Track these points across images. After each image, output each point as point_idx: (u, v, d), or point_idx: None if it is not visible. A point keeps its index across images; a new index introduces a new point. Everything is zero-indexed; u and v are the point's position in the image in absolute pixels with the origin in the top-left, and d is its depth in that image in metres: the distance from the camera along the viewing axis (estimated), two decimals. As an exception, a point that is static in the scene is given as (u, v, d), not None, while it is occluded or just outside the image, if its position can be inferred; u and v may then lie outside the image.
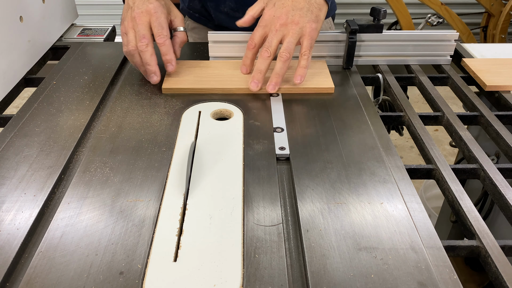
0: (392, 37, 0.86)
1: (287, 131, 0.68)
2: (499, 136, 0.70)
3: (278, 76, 0.75)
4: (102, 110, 0.75)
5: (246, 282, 0.44)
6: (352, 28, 0.82)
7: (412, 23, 2.63)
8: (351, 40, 0.83)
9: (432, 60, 0.90)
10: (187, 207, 0.53)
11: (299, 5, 0.75)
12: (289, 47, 0.73)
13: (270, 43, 0.74)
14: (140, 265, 0.45)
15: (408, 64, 0.90)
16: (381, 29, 0.84)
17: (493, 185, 0.60)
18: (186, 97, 0.77)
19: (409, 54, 0.89)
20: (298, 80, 0.76)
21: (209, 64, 0.85)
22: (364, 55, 0.88)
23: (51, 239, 0.48)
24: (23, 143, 0.64)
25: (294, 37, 0.74)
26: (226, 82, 0.79)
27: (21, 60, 0.85)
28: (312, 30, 0.75)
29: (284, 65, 0.74)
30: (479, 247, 0.51)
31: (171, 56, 0.78)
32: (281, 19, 0.74)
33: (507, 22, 2.57)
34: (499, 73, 0.85)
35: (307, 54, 0.75)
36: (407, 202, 0.54)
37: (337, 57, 0.89)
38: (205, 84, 0.78)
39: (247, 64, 0.80)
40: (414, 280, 0.44)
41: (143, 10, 0.76)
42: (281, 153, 0.63)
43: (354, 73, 0.86)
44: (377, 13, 0.82)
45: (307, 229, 0.50)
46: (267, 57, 0.74)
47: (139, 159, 0.61)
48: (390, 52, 0.88)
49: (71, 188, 0.56)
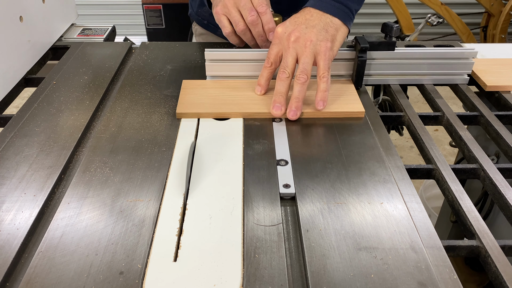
0: (405, 55, 0.79)
1: (292, 164, 0.61)
2: (499, 136, 0.70)
3: (298, 100, 0.69)
4: (102, 110, 0.75)
5: (246, 282, 0.44)
6: (362, 46, 0.75)
7: (412, 23, 2.63)
8: (360, 59, 0.76)
9: (448, 79, 0.83)
10: (187, 207, 0.53)
11: (312, 23, 0.71)
12: (305, 68, 0.69)
13: (286, 62, 0.70)
14: (140, 265, 0.45)
15: (422, 83, 0.83)
16: (393, 46, 0.78)
17: (493, 185, 0.60)
18: (186, 97, 0.77)
19: (423, 72, 0.82)
20: (320, 106, 0.70)
21: (226, 84, 0.78)
22: (374, 73, 0.81)
23: (51, 239, 0.48)
24: (23, 143, 0.64)
25: (309, 57, 0.69)
26: (246, 105, 0.72)
27: (21, 60, 0.85)
28: (327, 49, 0.69)
29: (302, 88, 0.69)
30: (479, 247, 0.51)
31: (273, 24, 0.76)
32: (293, 35, 0.70)
33: (507, 22, 2.57)
34: (500, 73, 0.85)
35: (326, 76, 0.69)
36: (407, 202, 0.54)
37: (342, 76, 0.81)
38: (223, 108, 0.71)
39: (262, 84, 0.75)
40: (414, 280, 0.44)
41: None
42: (286, 192, 0.56)
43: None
44: (389, 30, 0.76)
45: (307, 229, 0.50)
46: (285, 78, 0.70)
47: (139, 159, 0.61)
48: (403, 70, 0.81)
49: (71, 188, 0.56)
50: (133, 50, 0.97)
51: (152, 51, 0.93)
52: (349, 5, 0.74)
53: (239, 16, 0.76)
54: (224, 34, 0.80)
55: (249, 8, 0.75)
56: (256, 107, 0.71)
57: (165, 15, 2.46)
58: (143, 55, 0.91)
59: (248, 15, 0.75)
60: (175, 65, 0.87)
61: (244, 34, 0.78)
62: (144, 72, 0.85)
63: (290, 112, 0.69)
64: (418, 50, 0.79)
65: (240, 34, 0.78)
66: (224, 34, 0.80)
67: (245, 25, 0.77)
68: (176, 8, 2.45)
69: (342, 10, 0.74)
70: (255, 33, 0.77)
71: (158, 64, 0.88)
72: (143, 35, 2.70)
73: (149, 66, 0.87)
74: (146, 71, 0.85)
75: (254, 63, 0.79)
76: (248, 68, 0.79)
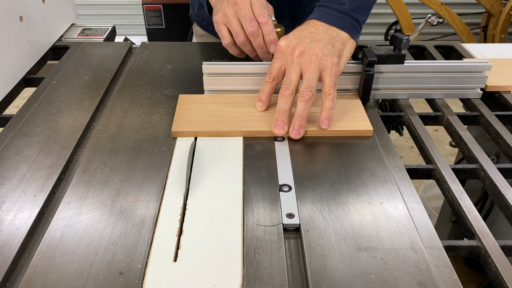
0: (415, 68, 0.74)
1: (296, 190, 0.56)
2: (499, 136, 0.70)
3: (302, 118, 0.65)
4: (102, 110, 0.75)
5: (246, 282, 0.44)
6: (370, 60, 0.70)
7: (412, 23, 2.63)
8: (368, 73, 0.72)
9: (459, 93, 0.78)
10: (187, 207, 0.53)
11: (318, 36, 0.67)
12: (310, 84, 0.64)
13: (290, 78, 0.66)
14: (140, 265, 0.45)
15: (432, 98, 0.79)
16: (402, 59, 0.73)
17: (493, 185, 0.60)
18: (186, 97, 0.77)
19: (434, 86, 0.77)
20: (325, 125, 0.66)
21: (225, 100, 0.74)
22: (382, 88, 0.76)
23: (51, 239, 0.48)
24: (23, 143, 0.64)
25: (314, 72, 0.65)
26: (246, 123, 0.68)
27: (21, 60, 0.85)
28: (334, 64, 0.65)
29: (306, 106, 0.64)
30: (479, 247, 0.51)
31: (274, 35, 0.72)
32: (297, 49, 0.66)
33: (507, 22, 2.57)
34: (500, 73, 0.85)
35: (332, 93, 0.65)
36: (407, 202, 0.54)
37: (348, 90, 0.77)
38: (222, 125, 0.67)
39: (263, 100, 0.70)
40: (414, 280, 0.44)
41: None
42: (290, 223, 0.51)
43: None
44: (399, 42, 0.71)
45: (307, 229, 0.50)
46: (288, 95, 0.65)
47: (139, 159, 0.61)
48: (412, 84, 0.76)
49: (71, 188, 0.56)
50: (133, 50, 0.97)
51: (152, 51, 0.93)
52: (356, 17, 0.70)
53: (239, 26, 0.73)
54: (223, 44, 0.77)
55: (250, 18, 0.71)
56: (257, 124, 0.67)
57: (165, 15, 2.46)
58: (143, 55, 0.91)
59: (248, 25, 0.71)
60: (175, 65, 0.87)
61: (245, 45, 0.74)
62: (144, 72, 0.85)
63: (293, 131, 0.65)
64: (429, 64, 0.75)
65: (240, 45, 0.75)
66: (223, 44, 0.77)
67: (246, 36, 0.73)
68: (176, 8, 2.45)
69: (349, 22, 0.69)
70: (256, 45, 0.73)
71: (158, 64, 0.88)
72: (143, 35, 2.70)
73: (149, 66, 0.87)
74: (146, 71, 0.85)
75: (254, 77, 0.74)
76: (249, 82, 0.75)
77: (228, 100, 0.73)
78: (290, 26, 1.00)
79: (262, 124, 0.67)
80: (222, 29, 0.75)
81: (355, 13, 0.70)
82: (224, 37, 0.75)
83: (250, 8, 0.72)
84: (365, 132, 0.67)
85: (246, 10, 0.71)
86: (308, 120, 0.67)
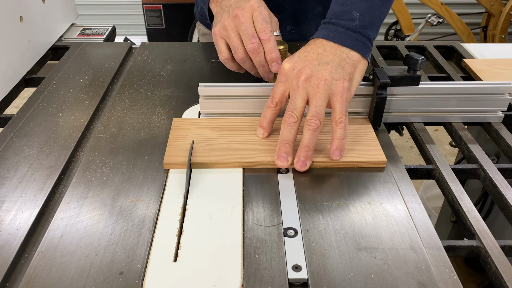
0: (431, 90, 0.68)
1: (303, 234, 0.50)
2: (499, 136, 0.70)
3: (308, 149, 0.58)
4: (102, 110, 0.75)
5: (246, 282, 0.44)
6: (382, 82, 0.64)
7: (412, 23, 2.63)
8: (380, 96, 0.65)
9: (479, 116, 0.72)
10: (187, 207, 0.53)
11: (326, 58, 0.60)
12: (318, 112, 0.58)
13: (295, 104, 0.59)
14: (140, 265, 0.45)
15: (449, 122, 0.72)
16: (418, 81, 0.66)
17: (493, 185, 0.60)
18: (187, 98, 0.77)
19: (451, 110, 0.70)
20: (336, 156, 0.59)
21: (223, 124, 0.67)
22: (394, 111, 0.70)
23: (51, 239, 0.48)
24: (23, 143, 0.64)
25: (322, 98, 0.59)
26: (246, 153, 0.61)
27: (21, 60, 0.85)
28: (344, 89, 0.59)
29: (313, 135, 0.58)
30: (479, 247, 0.51)
31: (276, 53, 0.66)
32: (303, 73, 0.59)
33: (507, 22, 2.57)
34: (500, 73, 0.85)
35: (343, 121, 0.59)
36: (407, 202, 0.54)
37: (359, 114, 0.70)
38: (219, 156, 0.60)
39: (265, 127, 0.63)
40: (414, 280, 0.44)
41: (245, 7, 0.66)
42: (296, 277, 0.45)
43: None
44: (414, 63, 0.64)
45: (307, 229, 0.50)
46: (293, 122, 0.59)
47: (139, 159, 0.61)
48: (428, 107, 0.70)
49: (71, 188, 0.56)
50: (133, 50, 0.97)
51: (152, 51, 0.93)
52: (367, 34, 0.63)
53: (239, 42, 0.67)
54: (220, 59, 0.70)
55: (251, 34, 0.65)
56: (258, 154, 0.61)
57: (165, 15, 2.47)
58: (143, 55, 0.91)
59: (248, 42, 0.65)
60: (175, 65, 0.87)
61: (244, 62, 0.69)
62: (144, 72, 0.85)
63: (298, 162, 0.58)
64: (446, 85, 0.68)
65: (240, 62, 0.69)
66: (220, 59, 0.70)
67: (245, 52, 0.67)
68: (176, 8, 2.45)
69: (360, 41, 0.62)
70: (256, 62, 0.67)
71: (158, 64, 0.88)
72: (143, 35, 2.70)
73: (149, 66, 0.87)
74: (146, 71, 0.85)
75: (255, 100, 0.68)
76: (249, 105, 0.69)
77: (226, 125, 0.67)
78: (292, 31, 0.99)
79: (263, 154, 0.61)
80: (220, 43, 0.69)
81: (366, 30, 0.63)
82: (221, 52, 0.69)
83: (251, 22, 0.66)
84: (378, 163, 0.60)
85: (247, 24, 0.66)
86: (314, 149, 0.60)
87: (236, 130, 0.66)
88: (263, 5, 0.67)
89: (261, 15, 0.66)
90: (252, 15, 0.66)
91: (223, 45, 0.69)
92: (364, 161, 0.60)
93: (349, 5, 0.64)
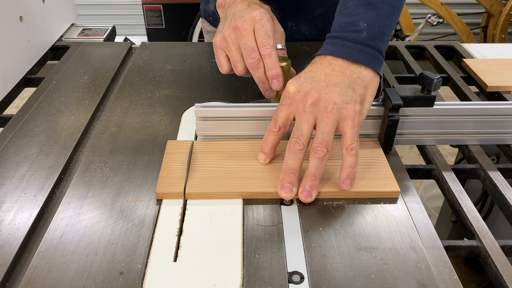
0: (446, 112, 0.63)
1: (310, 280, 0.44)
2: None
3: (314, 178, 0.53)
4: (102, 110, 0.75)
5: (246, 282, 0.44)
6: (394, 104, 0.58)
7: (412, 23, 2.63)
8: (391, 118, 0.60)
9: (497, 138, 0.67)
10: (187, 207, 0.53)
11: (335, 79, 0.55)
12: (325, 139, 0.53)
13: (301, 130, 0.54)
14: (140, 265, 0.45)
15: (465, 144, 0.68)
16: (432, 102, 0.61)
17: (493, 185, 0.60)
18: (186, 98, 0.77)
19: (467, 132, 0.66)
20: (347, 185, 0.54)
21: (221, 148, 0.62)
22: (407, 133, 0.65)
23: (51, 239, 0.48)
24: (23, 143, 0.64)
25: (330, 124, 0.54)
26: (246, 181, 0.56)
27: (21, 60, 0.85)
28: (356, 113, 0.54)
29: (320, 164, 0.53)
30: (479, 247, 0.51)
31: (277, 70, 0.61)
32: (310, 96, 0.54)
33: (507, 22, 2.57)
34: (500, 73, 0.85)
35: (354, 148, 0.54)
36: (407, 202, 0.54)
37: (368, 136, 0.65)
38: (217, 185, 0.55)
39: (267, 152, 0.59)
40: (414, 280, 0.44)
41: (247, 18, 0.62)
42: None
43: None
44: (429, 83, 0.59)
45: (307, 229, 0.50)
46: (298, 150, 0.54)
47: (139, 159, 0.61)
48: (443, 129, 0.65)
49: (71, 188, 0.56)
50: (133, 50, 0.97)
51: (152, 51, 0.93)
52: (377, 46, 0.58)
53: (239, 55, 0.63)
54: (221, 72, 0.67)
55: (251, 49, 0.60)
56: (259, 183, 0.56)
57: (165, 15, 2.47)
58: (143, 55, 0.91)
59: (248, 57, 0.61)
60: (175, 65, 0.87)
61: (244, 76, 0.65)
62: (144, 72, 0.85)
63: (303, 192, 0.53)
64: (463, 106, 0.63)
65: (240, 75, 0.65)
66: (221, 72, 0.67)
67: (245, 68, 0.63)
68: (176, 8, 2.45)
69: (370, 54, 0.57)
70: (256, 78, 0.63)
71: (158, 64, 0.88)
72: (143, 35, 2.70)
73: (149, 66, 0.87)
74: (146, 71, 0.85)
75: (256, 121, 0.64)
76: (249, 127, 0.64)
77: (225, 149, 0.62)
78: (294, 28, 0.99)
79: (265, 183, 0.56)
80: (220, 55, 0.65)
81: (376, 42, 0.58)
82: (221, 65, 0.66)
83: (252, 35, 0.62)
84: (391, 193, 0.55)
85: (247, 38, 0.61)
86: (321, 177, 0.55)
87: (236, 155, 0.61)
88: (267, 17, 0.62)
89: (263, 28, 0.61)
90: (254, 27, 0.62)
91: (223, 57, 0.66)
92: (375, 191, 0.55)
93: (355, 15, 0.59)
